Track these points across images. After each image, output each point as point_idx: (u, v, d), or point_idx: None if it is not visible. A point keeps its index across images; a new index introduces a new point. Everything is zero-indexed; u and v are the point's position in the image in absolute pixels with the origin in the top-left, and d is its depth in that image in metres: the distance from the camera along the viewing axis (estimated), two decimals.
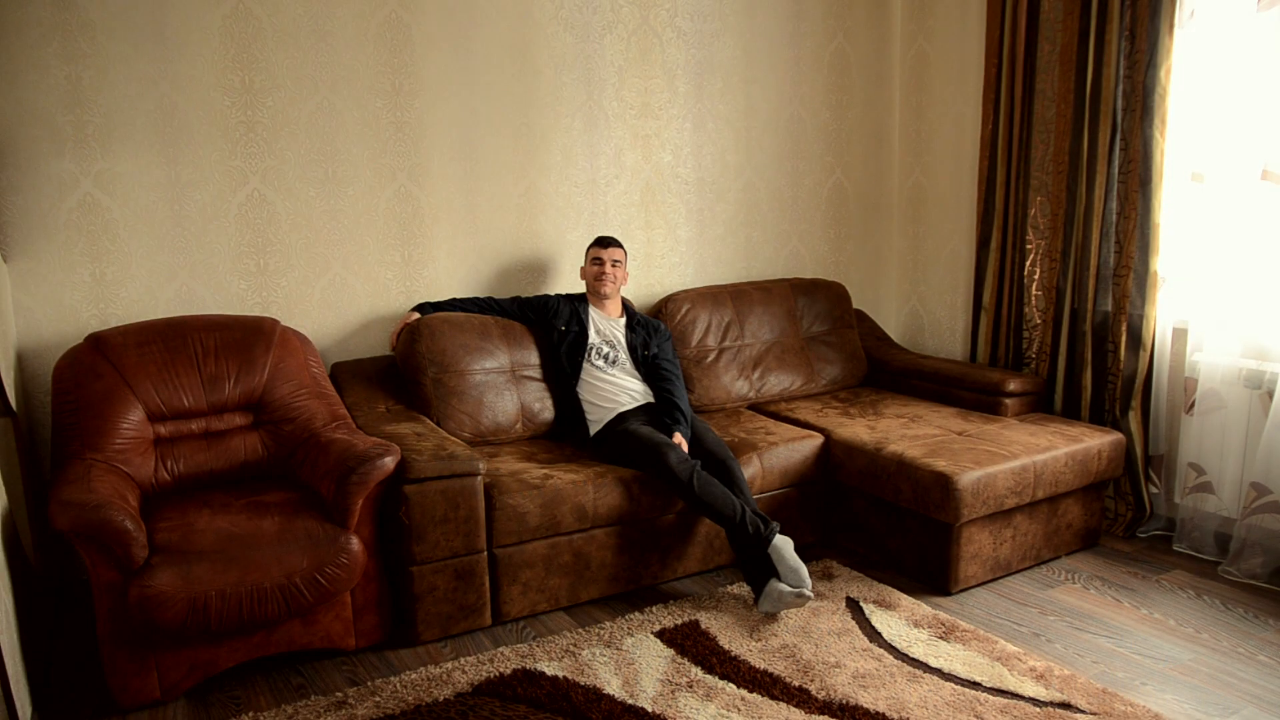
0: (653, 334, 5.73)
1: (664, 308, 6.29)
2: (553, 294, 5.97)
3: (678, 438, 5.17)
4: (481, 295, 5.96)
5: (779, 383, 6.39)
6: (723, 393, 6.22)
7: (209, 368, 4.81)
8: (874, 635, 4.56)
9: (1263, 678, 4.28)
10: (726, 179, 6.79)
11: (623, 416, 5.38)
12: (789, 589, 4.68)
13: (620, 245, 5.79)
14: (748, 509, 4.89)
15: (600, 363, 5.54)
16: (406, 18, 5.59)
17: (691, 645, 4.49)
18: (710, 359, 6.26)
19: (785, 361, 6.45)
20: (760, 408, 6.24)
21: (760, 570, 4.84)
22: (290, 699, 4.17)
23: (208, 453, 4.76)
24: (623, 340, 5.65)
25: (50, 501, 3.85)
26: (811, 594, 4.73)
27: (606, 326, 5.68)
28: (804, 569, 4.77)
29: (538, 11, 5.97)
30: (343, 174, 5.54)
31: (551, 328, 5.64)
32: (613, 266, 5.71)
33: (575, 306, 5.71)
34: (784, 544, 4.82)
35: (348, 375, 5.50)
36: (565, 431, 5.58)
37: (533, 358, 5.66)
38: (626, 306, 5.90)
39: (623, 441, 5.18)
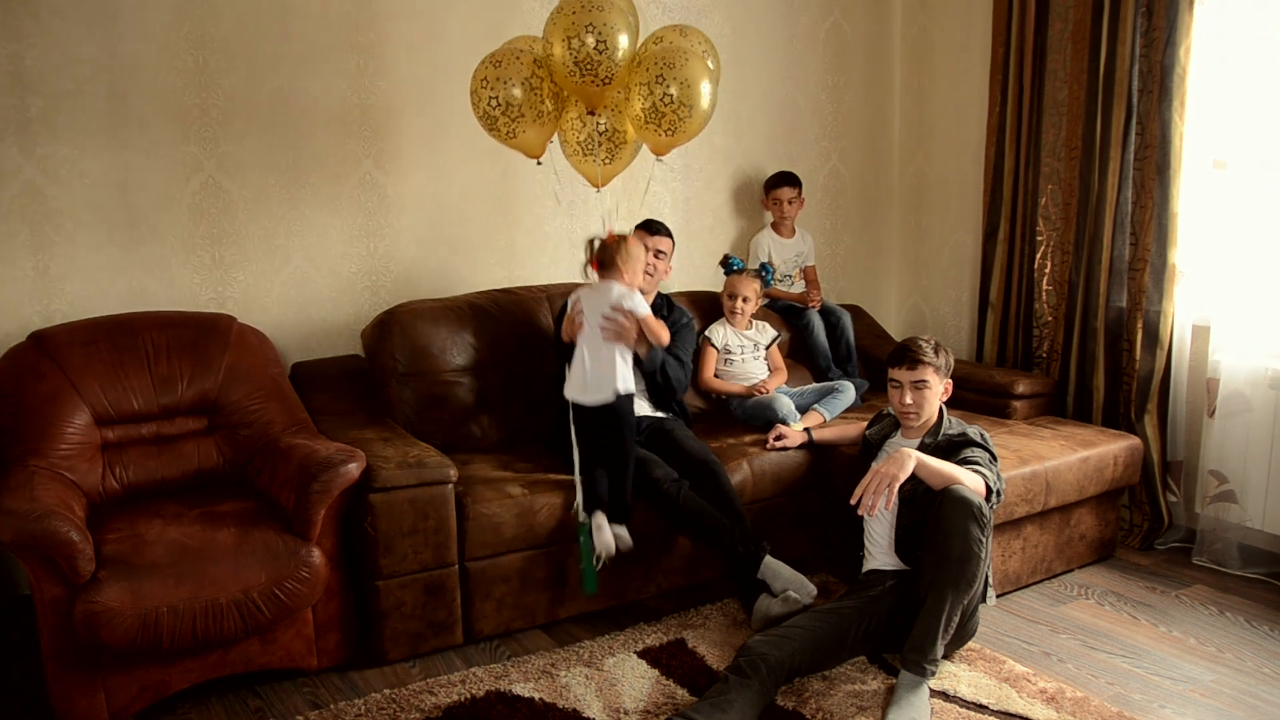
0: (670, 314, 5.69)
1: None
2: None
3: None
4: (450, 291, 5.97)
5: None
6: (703, 397, 6.23)
7: (160, 368, 4.82)
8: (874, 654, 4.57)
9: None
10: (715, 165, 6.81)
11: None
12: (779, 601, 4.73)
13: (668, 234, 5.78)
14: (736, 530, 4.92)
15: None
16: None
17: (677, 665, 4.51)
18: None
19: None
20: None
21: (752, 586, 4.89)
22: None
23: (159, 459, 4.77)
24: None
25: None
26: (809, 599, 4.77)
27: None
28: (804, 579, 4.84)
29: None
30: (304, 160, 5.56)
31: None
32: (656, 257, 5.65)
33: None
34: (777, 564, 4.88)
35: (309, 376, 5.50)
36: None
37: (512, 353, 5.66)
38: (660, 299, 5.83)
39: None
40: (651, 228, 5.73)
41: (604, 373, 4.93)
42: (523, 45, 4.89)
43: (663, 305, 5.75)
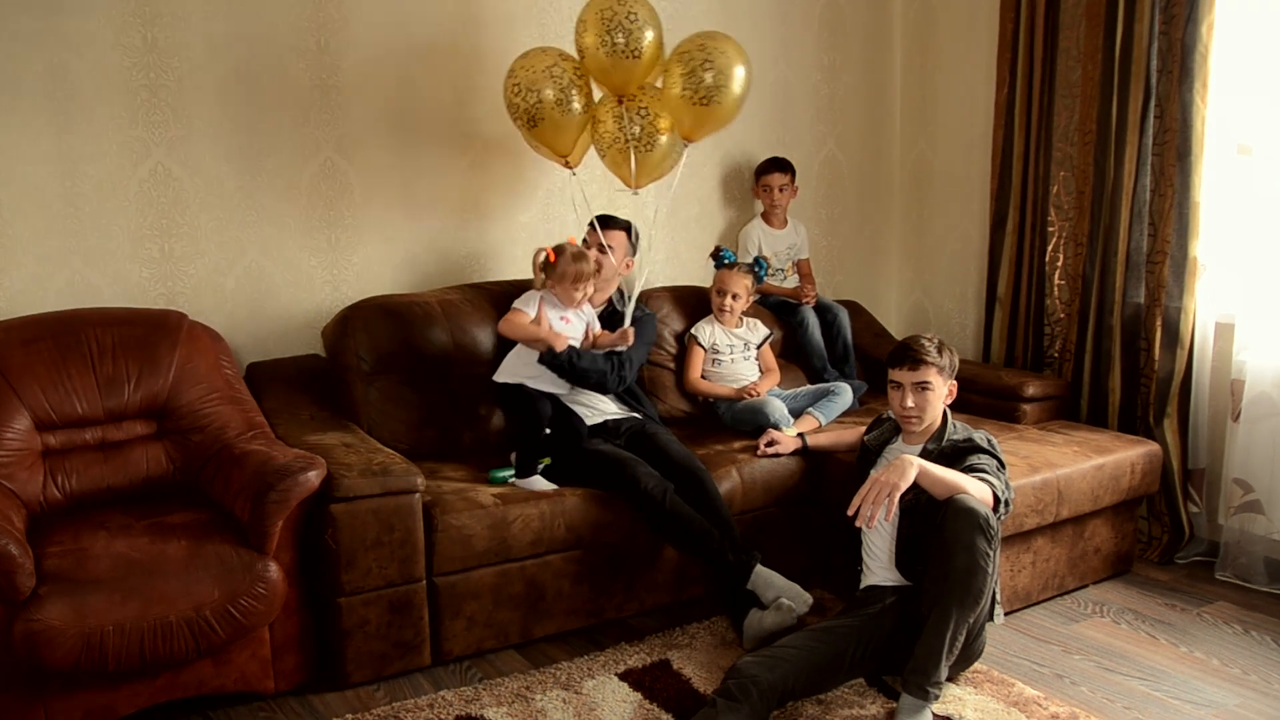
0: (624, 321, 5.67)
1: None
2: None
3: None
4: (418, 287, 5.98)
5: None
6: (691, 400, 6.25)
7: (106, 369, 4.81)
8: (873, 676, 4.57)
9: None
10: (701, 151, 6.76)
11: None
12: (771, 612, 4.75)
13: (621, 226, 5.78)
14: (725, 537, 4.95)
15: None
16: None
17: (662, 688, 4.52)
18: (674, 365, 6.31)
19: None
20: None
21: (742, 602, 4.90)
22: None
23: (105, 466, 4.76)
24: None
25: None
26: (804, 607, 4.80)
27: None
28: (799, 587, 4.85)
29: None
30: (260, 145, 5.56)
31: None
32: (602, 253, 5.64)
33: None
34: (768, 573, 4.89)
35: (266, 377, 5.51)
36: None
37: (485, 353, 5.65)
38: (619, 293, 5.85)
39: (586, 460, 5.23)
40: (603, 221, 5.71)
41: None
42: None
43: (609, 314, 5.75)
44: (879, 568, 4.65)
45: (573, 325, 5.40)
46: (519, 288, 5.76)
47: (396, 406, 5.45)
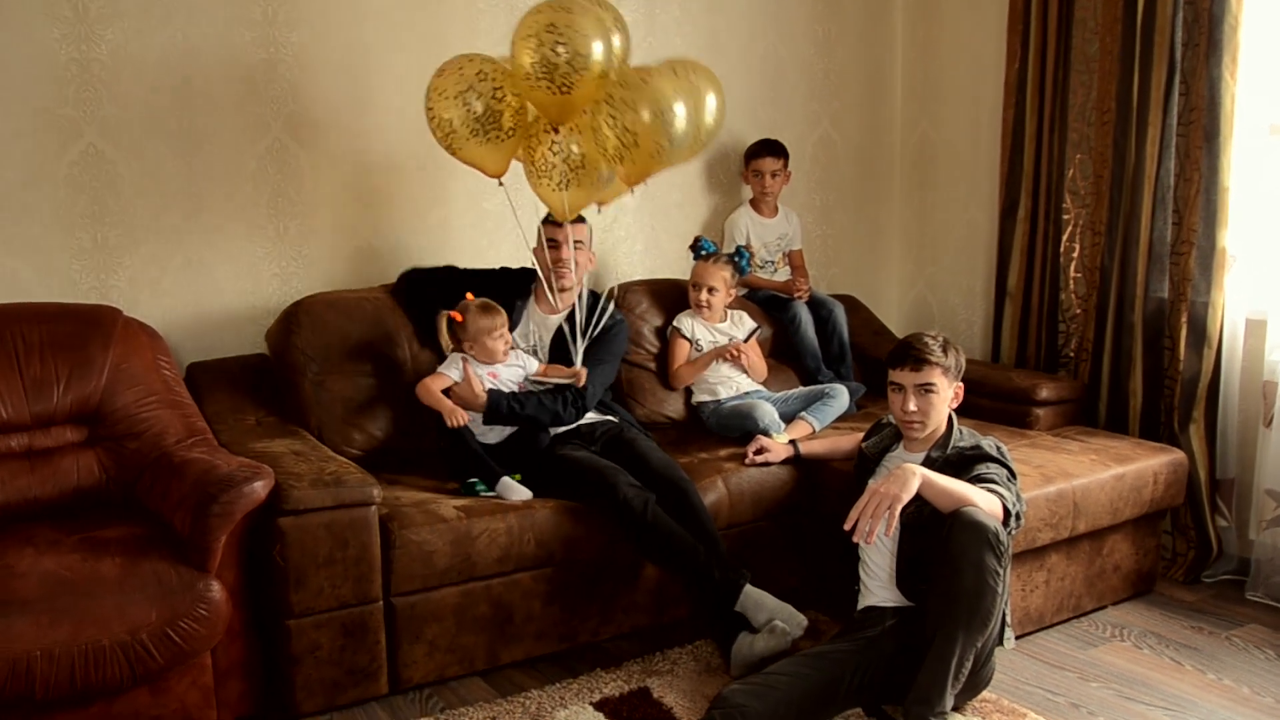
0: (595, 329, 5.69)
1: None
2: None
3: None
4: (374, 280, 6.00)
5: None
6: (677, 405, 6.29)
7: (33, 370, 4.80)
8: (871, 706, 4.56)
9: None
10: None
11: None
12: (763, 636, 4.73)
13: (584, 221, 5.76)
14: (712, 554, 4.95)
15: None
16: None
17: (640, 719, 4.53)
18: (661, 365, 6.33)
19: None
20: None
21: (729, 625, 4.88)
22: None
23: (31, 476, 4.75)
24: (547, 342, 5.71)
25: None
26: (798, 630, 4.78)
27: (539, 328, 5.75)
28: (792, 608, 4.83)
29: None
30: (202, 126, 5.56)
31: None
32: (574, 250, 5.65)
33: (514, 300, 5.72)
34: (758, 593, 4.87)
35: (208, 378, 5.51)
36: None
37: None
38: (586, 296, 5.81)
39: (560, 467, 5.25)
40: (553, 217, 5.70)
41: None
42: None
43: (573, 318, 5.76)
44: (878, 587, 4.65)
45: (508, 371, 5.49)
46: (511, 275, 5.80)
47: (350, 411, 5.47)
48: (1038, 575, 5.25)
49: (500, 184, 5.33)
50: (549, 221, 5.64)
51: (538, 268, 5.70)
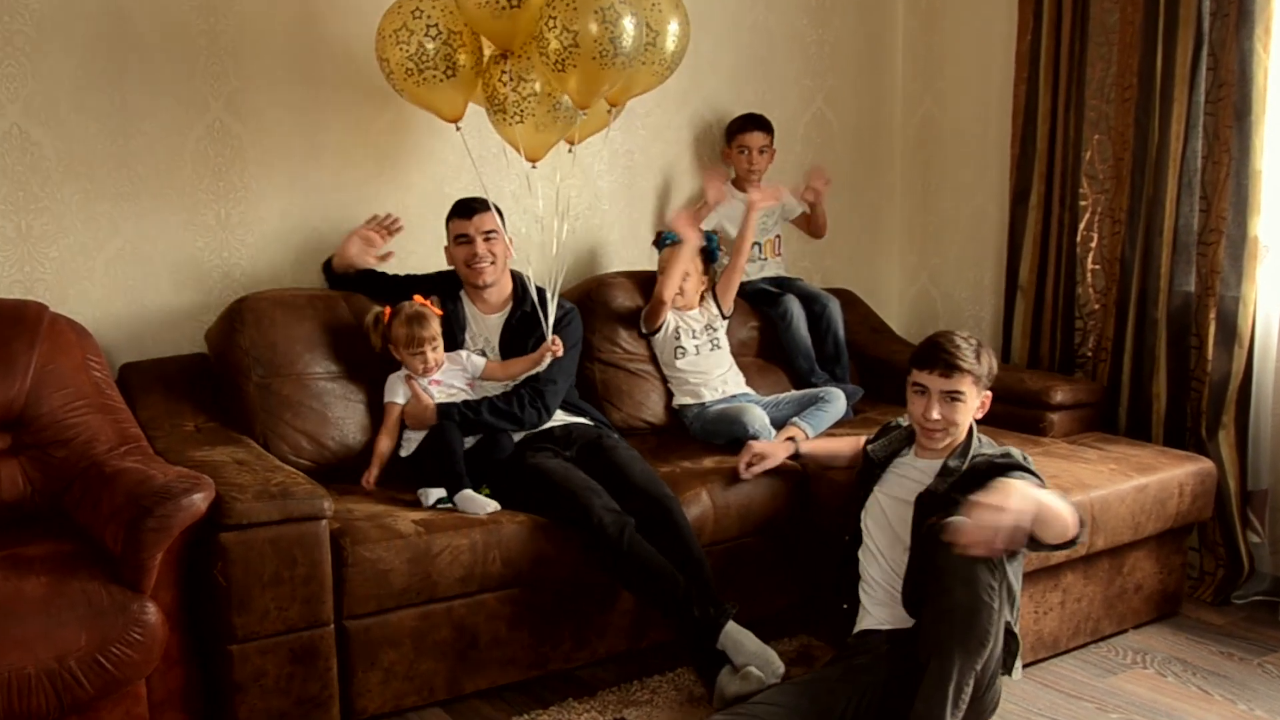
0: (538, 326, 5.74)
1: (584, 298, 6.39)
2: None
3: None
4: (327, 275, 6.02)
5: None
6: (657, 408, 6.34)
7: None
8: None
9: None
10: (665, 111, 6.87)
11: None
12: (736, 680, 4.73)
13: (490, 208, 5.72)
14: (693, 587, 4.96)
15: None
16: None
17: None
18: (638, 365, 6.38)
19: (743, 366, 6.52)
20: None
21: (712, 656, 4.89)
22: None
23: None
24: (495, 343, 5.77)
25: None
26: (774, 679, 4.75)
27: (482, 329, 5.81)
28: (772, 653, 4.83)
29: None
30: (136, 103, 5.56)
31: None
32: (486, 242, 5.68)
33: (451, 306, 5.77)
34: (739, 632, 4.87)
35: (143, 380, 5.51)
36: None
37: None
38: (519, 288, 5.88)
39: (529, 478, 5.28)
40: (469, 208, 5.72)
41: None
42: None
43: (517, 318, 5.83)
44: (875, 605, 4.65)
45: (449, 377, 5.57)
46: (443, 277, 5.85)
47: (297, 416, 5.48)
48: (1052, 596, 5.27)
49: (457, 129, 5.46)
50: (454, 216, 5.73)
51: (456, 269, 5.81)
